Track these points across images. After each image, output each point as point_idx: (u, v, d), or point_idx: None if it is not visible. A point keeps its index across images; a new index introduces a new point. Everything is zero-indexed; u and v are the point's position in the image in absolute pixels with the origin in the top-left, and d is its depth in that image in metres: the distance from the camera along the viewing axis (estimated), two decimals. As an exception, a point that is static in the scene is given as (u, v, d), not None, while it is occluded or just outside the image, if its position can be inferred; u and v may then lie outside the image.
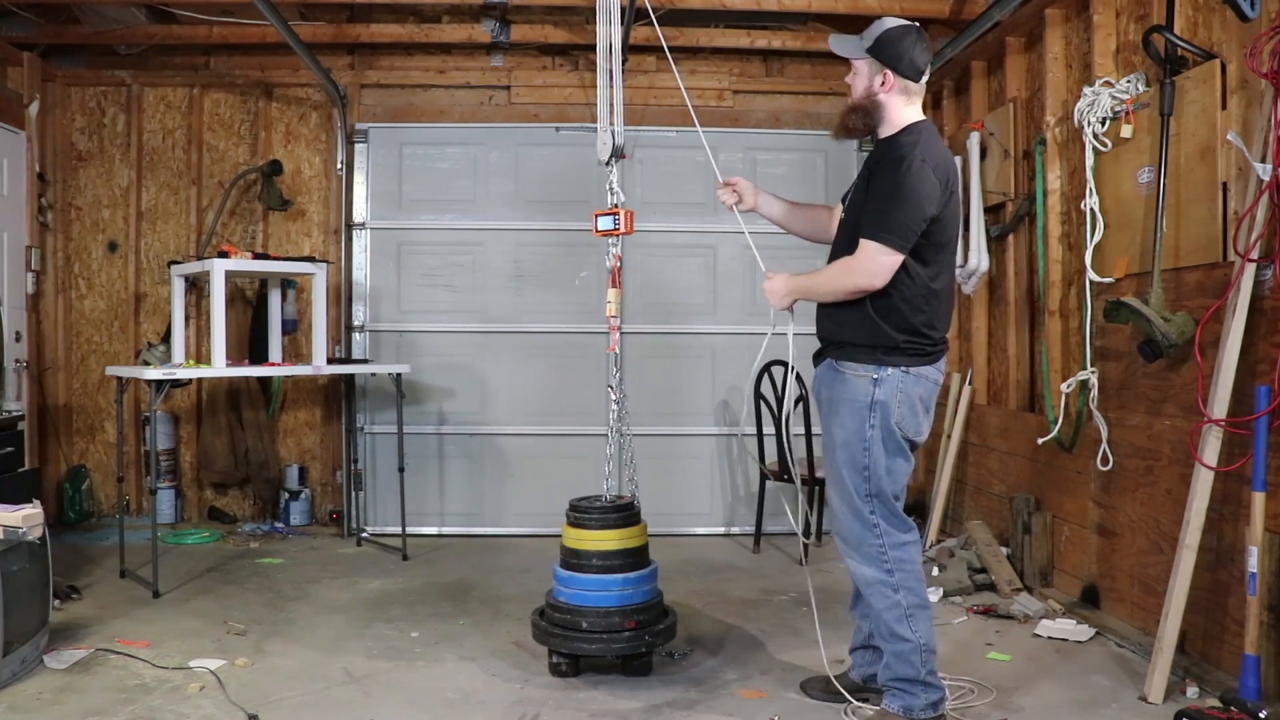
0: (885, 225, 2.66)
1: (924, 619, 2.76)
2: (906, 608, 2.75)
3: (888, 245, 2.66)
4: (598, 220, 3.45)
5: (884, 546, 2.77)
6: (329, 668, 3.36)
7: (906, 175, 2.65)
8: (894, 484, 2.79)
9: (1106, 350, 3.88)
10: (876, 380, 2.75)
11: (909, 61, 2.75)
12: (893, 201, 2.66)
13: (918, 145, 2.70)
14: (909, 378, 2.75)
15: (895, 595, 2.75)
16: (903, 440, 2.78)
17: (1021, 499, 4.42)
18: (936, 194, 2.67)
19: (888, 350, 2.75)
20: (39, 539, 3.31)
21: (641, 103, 5.75)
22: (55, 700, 3.02)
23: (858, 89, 2.82)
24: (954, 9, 5.11)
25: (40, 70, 5.54)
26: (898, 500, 2.82)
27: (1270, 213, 2.91)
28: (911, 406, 2.77)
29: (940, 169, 2.70)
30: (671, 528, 5.57)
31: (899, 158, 2.69)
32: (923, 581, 2.81)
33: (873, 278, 2.69)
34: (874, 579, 2.78)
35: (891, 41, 2.75)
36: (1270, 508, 2.87)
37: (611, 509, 3.31)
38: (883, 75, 2.76)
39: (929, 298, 2.76)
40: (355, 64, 5.92)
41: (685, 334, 5.87)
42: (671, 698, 3.09)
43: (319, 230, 5.94)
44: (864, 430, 2.75)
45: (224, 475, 5.79)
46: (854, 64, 2.83)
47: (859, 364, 2.78)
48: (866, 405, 2.75)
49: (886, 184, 2.69)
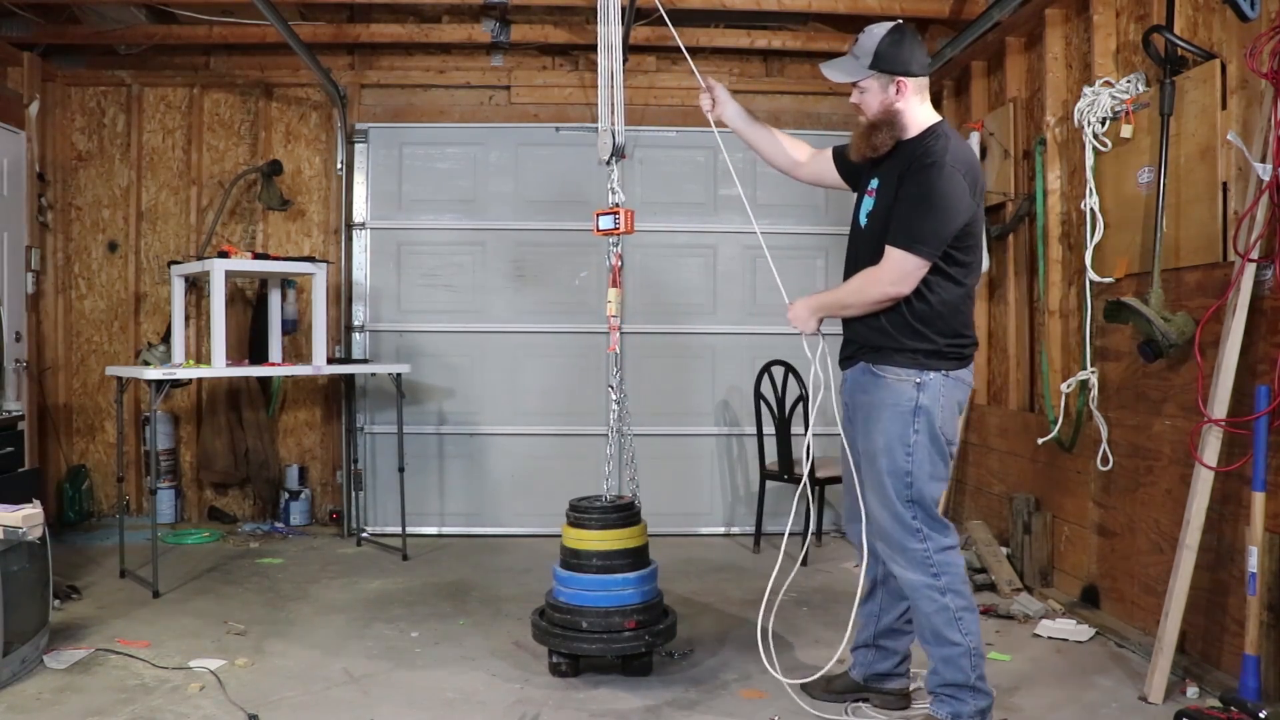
0: (916, 234, 2.62)
1: (972, 621, 2.71)
2: (955, 610, 2.69)
3: (917, 255, 2.62)
4: (599, 220, 3.43)
5: (928, 551, 2.71)
6: (329, 668, 3.36)
7: (938, 182, 2.60)
8: (935, 489, 2.75)
9: (1106, 350, 3.88)
10: (920, 385, 2.70)
11: (916, 61, 2.72)
12: (925, 210, 2.61)
13: (948, 151, 2.64)
14: (949, 381, 2.72)
15: (943, 599, 2.69)
16: (945, 445, 2.75)
17: (1021, 499, 4.42)
18: (967, 200, 2.64)
19: (929, 354, 2.70)
20: (39, 539, 3.31)
21: (641, 103, 5.75)
22: (55, 700, 3.02)
23: (872, 106, 2.76)
24: (954, 9, 5.11)
25: (40, 70, 5.54)
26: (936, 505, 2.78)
27: (1270, 213, 2.91)
28: (952, 411, 2.75)
29: (970, 173, 2.67)
30: (671, 528, 5.57)
31: (930, 164, 2.63)
32: (968, 584, 2.77)
33: (899, 285, 2.65)
34: (920, 584, 2.72)
35: (893, 49, 2.70)
36: (1270, 508, 2.87)
37: (611, 509, 3.31)
38: (896, 84, 2.71)
39: (965, 299, 2.76)
40: (355, 64, 5.92)
41: (685, 334, 5.87)
42: (671, 698, 3.09)
43: (319, 230, 5.93)
44: (908, 435, 2.70)
45: (224, 475, 5.79)
46: (860, 84, 2.76)
47: (900, 368, 2.72)
48: (910, 411, 2.70)
49: (917, 191, 2.63)
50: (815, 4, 5.29)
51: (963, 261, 2.71)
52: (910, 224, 2.63)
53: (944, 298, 2.70)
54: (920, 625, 2.77)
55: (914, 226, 2.62)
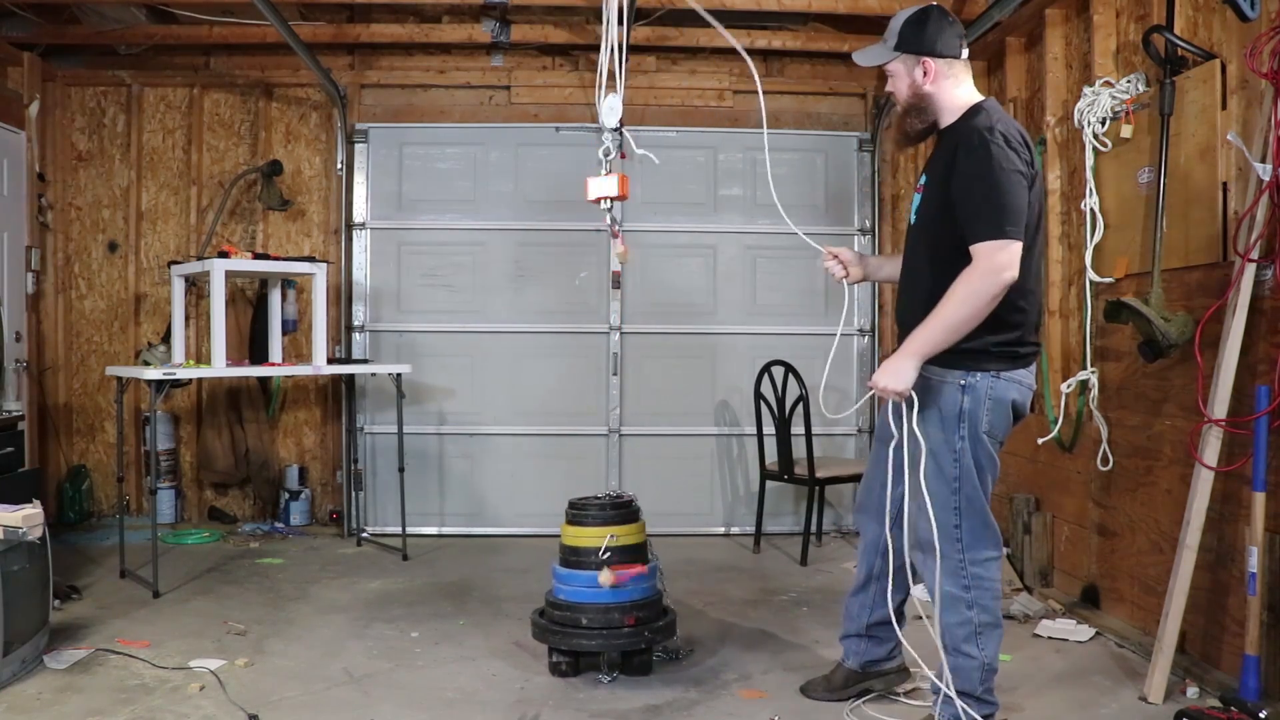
0: (991, 219, 2.43)
1: (993, 638, 2.66)
2: (977, 625, 2.64)
3: (1005, 237, 2.42)
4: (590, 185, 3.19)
5: (964, 562, 2.62)
6: (329, 668, 3.36)
7: (990, 158, 2.44)
8: (984, 495, 2.65)
9: (1106, 350, 3.88)
10: (964, 386, 2.57)
11: (944, 40, 2.59)
12: (988, 189, 2.45)
13: (991, 125, 2.49)
14: (999, 382, 2.58)
15: (968, 612, 2.64)
16: (993, 448, 2.63)
17: (1021, 499, 4.42)
18: (1023, 171, 2.47)
19: (977, 355, 2.55)
20: (39, 539, 3.30)
21: (641, 103, 5.75)
22: (55, 700, 3.02)
23: (901, 91, 2.67)
24: (954, 9, 5.10)
25: (40, 70, 5.54)
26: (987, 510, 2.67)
27: (1270, 213, 2.91)
28: (1004, 413, 2.61)
29: (1021, 146, 2.50)
30: (671, 527, 5.57)
31: (976, 144, 2.48)
32: (999, 599, 2.70)
33: (1011, 269, 2.43)
34: (950, 594, 2.64)
35: (915, 29, 2.61)
36: (1270, 508, 2.87)
37: (610, 506, 3.31)
38: (922, 66, 2.60)
39: (1023, 294, 2.56)
40: (355, 64, 5.92)
41: (685, 334, 5.87)
42: (671, 698, 3.09)
43: (319, 230, 5.93)
44: (953, 441, 2.59)
45: (224, 475, 5.79)
46: (889, 69, 2.68)
47: (945, 368, 2.58)
48: (955, 415, 2.58)
49: (973, 172, 2.48)
50: (815, 4, 5.28)
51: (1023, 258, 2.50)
52: (981, 210, 2.45)
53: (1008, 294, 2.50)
54: (941, 629, 2.67)
55: (986, 212, 2.44)
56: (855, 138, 5.93)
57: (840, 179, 5.92)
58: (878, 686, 3.03)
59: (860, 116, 6.02)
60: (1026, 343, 2.62)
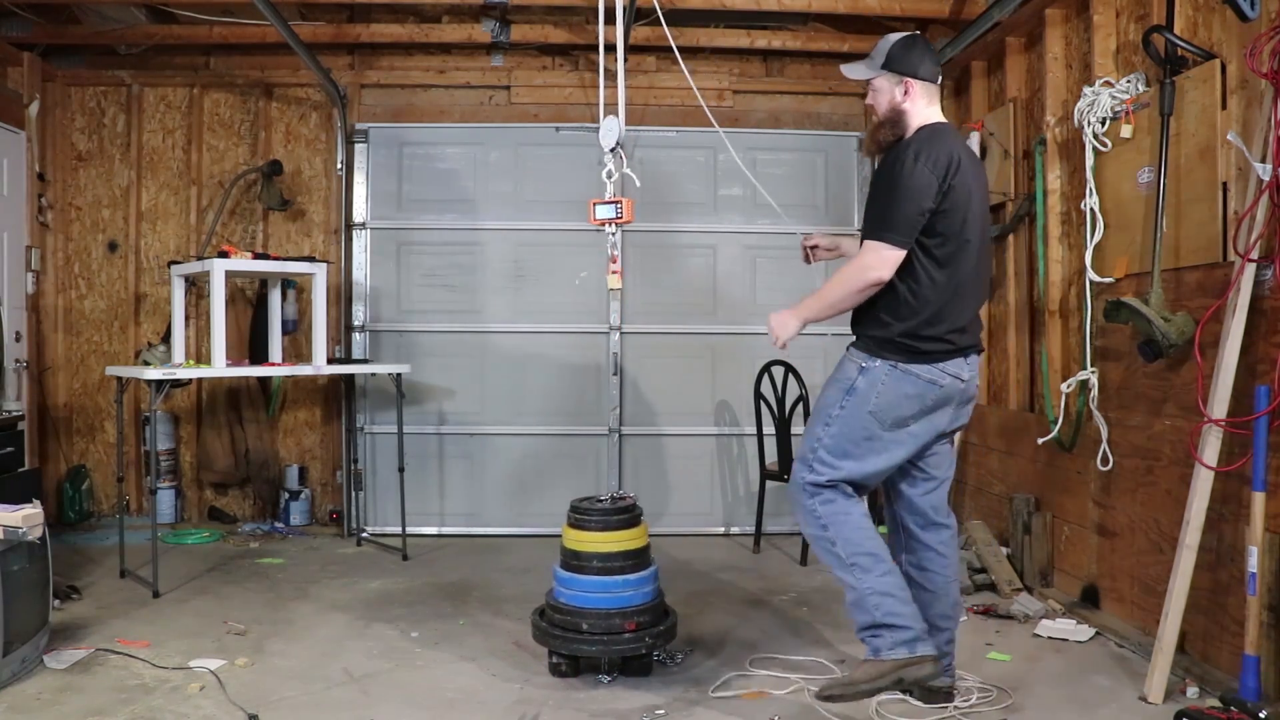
0: (884, 223, 2.77)
1: (870, 566, 2.80)
2: (846, 558, 2.81)
3: (889, 241, 2.75)
4: (595, 209, 3.44)
5: (815, 505, 2.86)
6: (329, 668, 3.36)
7: (897, 175, 2.76)
8: (855, 468, 2.84)
9: (1106, 350, 3.88)
10: (863, 369, 2.85)
11: (925, 66, 2.88)
12: (888, 200, 2.77)
13: (913, 145, 2.80)
14: (896, 373, 2.81)
15: (834, 548, 2.84)
16: (877, 429, 2.82)
17: (1021, 499, 4.42)
18: (932, 189, 2.74)
19: (880, 343, 2.84)
20: (39, 539, 3.30)
21: (641, 103, 5.75)
22: (55, 700, 3.02)
23: (882, 105, 2.93)
24: (954, 9, 5.11)
25: (40, 70, 5.54)
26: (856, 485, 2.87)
27: (1270, 213, 2.91)
28: (893, 402, 2.81)
29: (938, 164, 2.75)
30: (672, 528, 5.57)
31: (894, 159, 2.80)
32: (868, 535, 2.83)
33: (879, 270, 2.77)
34: (813, 535, 2.89)
35: (903, 53, 2.88)
36: (1270, 508, 2.87)
37: (612, 510, 3.30)
38: (904, 85, 2.88)
39: (936, 295, 2.80)
40: (355, 64, 5.92)
41: (685, 334, 5.87)
42: (671, 698, 3.09)
43: (319, 230, 5.93)
44: (833, 408, 2.88)
45: (224, 475, 5.79)
46: (873, 83, 2.94)
47: (857, 351, 2.91)
48: (846, 388, 2.87)
49: (882, 184, 2.82)
50: (815, 4, 5.29)
51: (938, 256, 2.79)
52: (874, 212, 2.81)
53: (912, 289, 2.80)
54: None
55: (881, 215, 2.78)
56: (855, 138, 5.92)
57: (840, 179, 5.92)
58: (916, 695, 3.02)
59: (860, 116, 6.01)
60: (936, 339, 2.82)
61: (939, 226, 2.77)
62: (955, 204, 2.78)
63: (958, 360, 2.85)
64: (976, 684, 3.14)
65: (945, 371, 2.83)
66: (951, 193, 2.76)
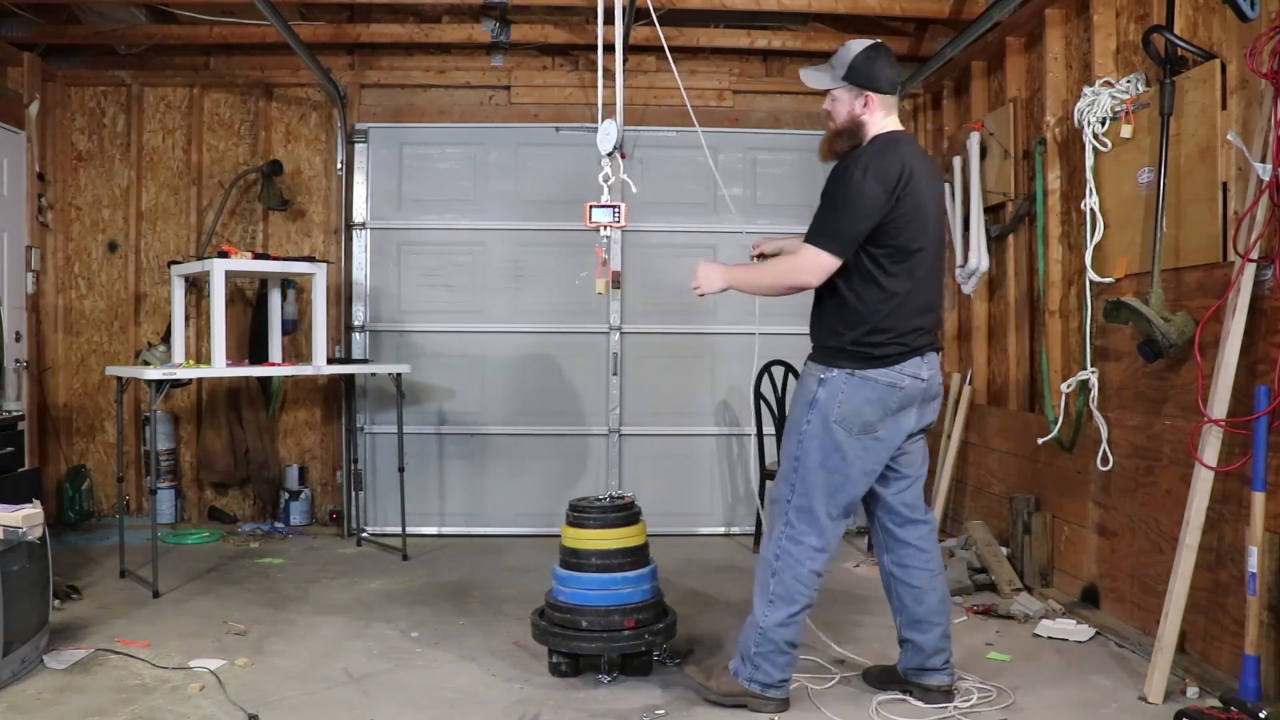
0: (825, 231, 2.83)
1: (783, 611, 2.89)
2: (772, 592, 2.91)
3: (824, 249, 2.81)
4: (591, 211, 3.48)
5: (781, 535, 2.93)
6: (329, 668, 3.36)
7: (845, 186, 2.80)
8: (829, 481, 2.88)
9: (1106, 350, 3.88)
10: (822, 380, 2.89)
11: (885, 79, 2.91)
12: (831, 209, 2.83)
13: (862, 157, 2.83)
14: (854, 380, 2.85)
15: (770, 579, 2.92)
16: (851, 438, 2.85)
17: (1021, 499, 4.42)
18: (879, 202, 2.78)
19: (834, 352, 2.89)
20: (39, 539, 3.30)
21: (641, 103, 5.75)
22: (55, 700, 3.02)
23: (840, 115, 2.97)
24: (954, 9, 5.11)
25: (40, 70, 5.54)
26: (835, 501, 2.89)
27: (1270, 213, 2.91)
28: (855, 408, 2.85)
29: (887, 177, 2.78)
30: (671, 528, 5.57)
31: (843, 169, 2.85)
32: (806, 587, 2.91)
33: (809, 276, 2.85)
34: (764, 555, 2.97)
35: (865, 64, 2.91)
36: (1270, 508, 2.87)
37: (611, 508, 3.30)
38: (864, 97, 2.91)
39: (885, 301, 2.84)
40: (355, 64, 5.92)
41: (685, 334, 5.87)
42: (671, 698, 3.09)
43: (319, 230, 5.93)
44: (801, 424, 2.92)
45: (224, 475, 5.79)
46: (832, 93, 2.98)
47: (814, 363, 2.96)
48: (809, 402, 2.91)
49: (828, 193, 2.86)
50: (815, 4, 5.29)
51: (886, 265, 2.83)
52: (819, 221, 2.85)
53: (860, 296, 2.84)
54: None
55: (821, 223, 2.84)
56: (855, 138, 5.92)
57: (840, 179, 5.91)
58: (916, 695, 3.05)
59: (860, 116, 6.02)
60: (889, 343, 2.85)
61: (889, 236, 2.81)
62: (905, 214, 2.81)
63: (914, 360, 2.89)
64: (976, 684, 3.14)
65: (904, 373, 2.87)
66: (901, 204, 2.80)
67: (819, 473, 2.88)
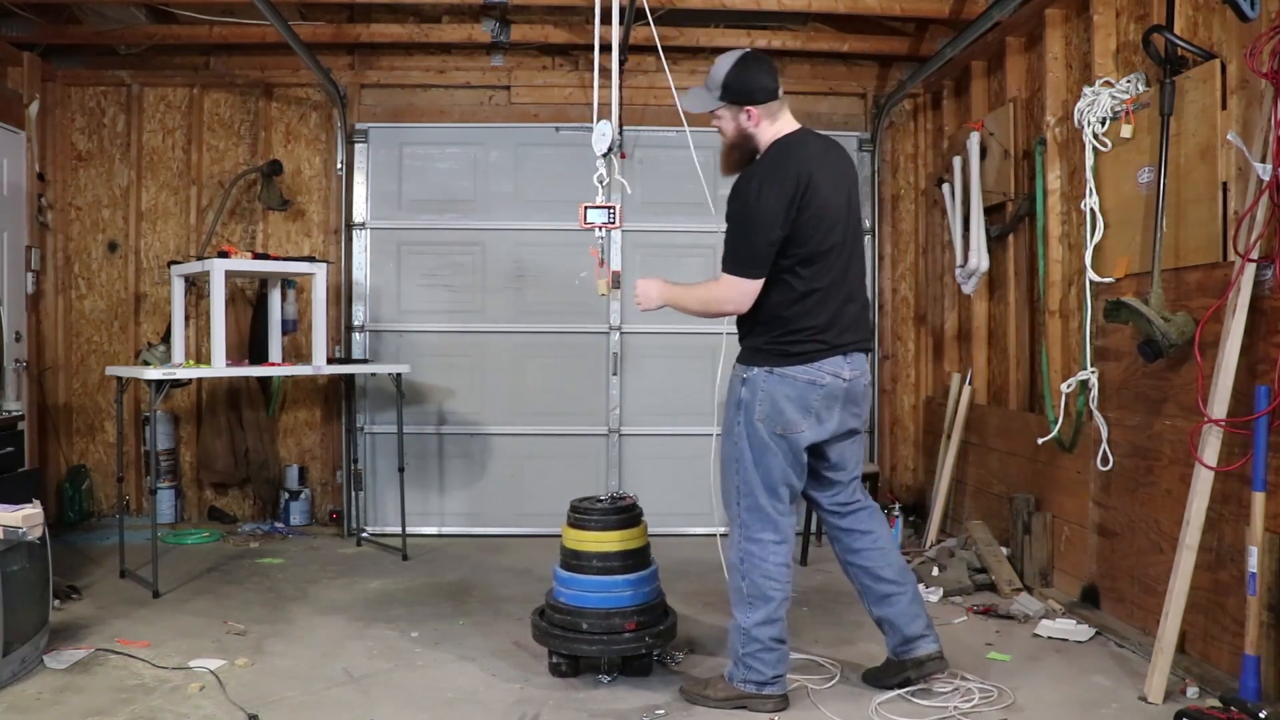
0: (735, 258, 2.87)
1: (762, 610, 2.92)
2: (746, 594, 2.94)
3: (741, 275, 2.86)
4: (586, 212, 3.48)
5: (740, 538, 2.97)
6: (329, 668, 3.36)
7: (744, 206, 2.84)
8: (767, 478, 2.92)
9: (1106, 350, 3.88)
10: (745, 380, 2.94)
11: (761, 89, 2.91)
12: (740, 233, 2.87)
13: (759, 172, 2.86)
14: (773, 378, 2.89)
15: (740, 582, 2.96)
16: (772, 436, 2.89)
17: (1021, 499, 4.42)
18: (779, 218, 2.80)
19: (754, 351, 2.95)
20: (39, 539, 3.31)
21: (641, 103, 5.75)
22: (55, 700, 3.02)
23: (729, 131, 2.99)
24: (954, 9, 5.11)
25: (40, 70, 5.54)
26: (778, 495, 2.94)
27: (1270, 213, 2.91)
28: (775, 405, 2.88)
29: (784, 189, 2.80)
30: (671, 527, 5.57)
31: (740, 188, 2.88)
32: (777, 581, 2.94)
33: (736, 304, 2.91)
34: (729, 562, 3.02)
35: (737, 80, 2.91)
36: (1270, 508, 2.87)
37: (612, 510, 3.30)
38: (746, 111, 2.92)
39: (800, 300, 2.87)
40: (355, 64, 5.92)
41: (685, 334, 5.86)
42: (671, 698, 3.09)
43: (319, 230, 5.93)
44: (733, 426, 2.96)
45: (224, 475, 5.79)
46: (716, 112, 2.98)
47: (738, 363, 3.01)
48: (735, 403, 2.96)
49: (730, 216, 2.90)
50: (815, 4, 5.29)
51: (800, 272, 2.86)
52: (729, 248, 2.89)
53: (775, 299, 2.89)
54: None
55: (732, 250, 2.88)
56: (855, 137, 5.93)
57: (840, 179, 5.91)
58: (913, 674, 3.07)
59: (860, 116, 6.02)
60: (806, 340, 2.89)
61: (795, 245, 2.84)
62: (809, 220, 2.83)
63: (835, 359, 2.91)
64: (976, 684, 3.14)
65: (823, 370, 2.90)
66: (803, 211, 2.82)
67: (756, 471, 2.92)
